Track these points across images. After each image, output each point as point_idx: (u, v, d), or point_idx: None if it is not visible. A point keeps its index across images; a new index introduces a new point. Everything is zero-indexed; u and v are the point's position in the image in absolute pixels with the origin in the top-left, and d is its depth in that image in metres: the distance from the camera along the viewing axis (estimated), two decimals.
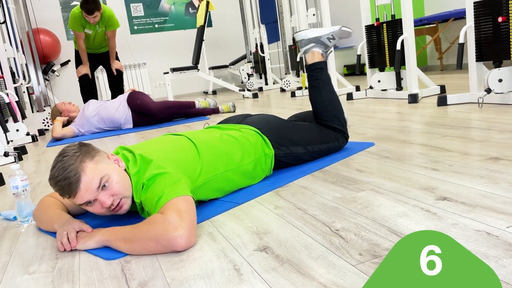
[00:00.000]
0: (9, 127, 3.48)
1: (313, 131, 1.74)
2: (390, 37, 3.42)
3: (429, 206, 1.13)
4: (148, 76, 7.69)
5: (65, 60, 7.23)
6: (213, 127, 1.67)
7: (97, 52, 4.69)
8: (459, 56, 2.60)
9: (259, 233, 1.11)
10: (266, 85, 6.74)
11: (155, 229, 1.05)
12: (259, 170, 1.54)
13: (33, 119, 4.97)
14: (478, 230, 0.95)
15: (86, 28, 4.40)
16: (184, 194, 1.14)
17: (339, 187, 1.39)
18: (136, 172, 1.24)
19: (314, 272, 0.86)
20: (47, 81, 7.00)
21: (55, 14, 7.20)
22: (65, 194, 1.14)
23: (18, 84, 4.59)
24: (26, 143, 3.86)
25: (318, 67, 1.80)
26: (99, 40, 4.57)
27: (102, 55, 4.73)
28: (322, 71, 1.80)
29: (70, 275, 1.01)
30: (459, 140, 1.79)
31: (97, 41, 4.57)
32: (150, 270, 0.98)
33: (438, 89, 3.39)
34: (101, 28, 4.47)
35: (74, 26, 4.39)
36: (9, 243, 1.28)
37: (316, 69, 1.80)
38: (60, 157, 1.16)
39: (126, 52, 7.58)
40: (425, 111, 2.67)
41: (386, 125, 2.38)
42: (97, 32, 4.47)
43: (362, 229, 1.04)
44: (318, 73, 1.80)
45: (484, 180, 1.26)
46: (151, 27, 7.78)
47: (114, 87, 4.82)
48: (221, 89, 7.83)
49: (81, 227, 1.19)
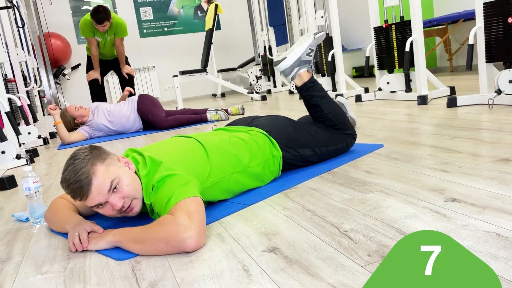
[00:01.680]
0: (21, 130, 3.52)
1: (321, 133, 1.74)
2: (399, 38, 3.41)
3: (439, 207, 1.13)
4: (157, 79, 7.75)
5: (75, 63, 7.31)
6: (221, 129, 1.68)
7: (108, 59, 4.74)
8: (469, 58, 2.59)
9: (268, 234, 1.11)
10: (275, 88, 6.74)
11: (165, 230, 1.06)
12: (267, 171, 1.55)
13: (45, 122, 5.03)
14: (488, 232, 0.95)
15: (96, 35, 4.46)
16: (194, 196, 1.15)
17: (347, 189, 1.39)
18: (146, 174, 1.25)
19: (323, 273, 0.87)
20: (58, 85, 7.08)
21: (66, 18, 7.28)
22: (77, 196, 1.16)
23: (29, 87, 4.65)
24: (37, 146, 3.91)
25: (309, 86, 1.77)
26: (109, 47, 4.63)
27: (112, 61, 4.78)
28: (314, 86, 1.77)
29: (81, 275, 1.02)
30: (469, 142, 1.78)
31: (107, 48, 4.62)
32: (160, 270, 0.99)
33: (448, 91, 3.37)
34: (110, 36, 4.52)
35: (85, 33, 4.44)
36: (22, 244, 1.30)
37: (308, 88, 1.76)
38: (71, 160, 1.18)
39: (135, 56, 7.64)
40: (435, 113, 2.66)
41: (395, 126, 2.38)
42: (106, 40, 4.53)
43: (370, 230, 1.04)
44: (312, 90, 1.76)
45: (494, 182, 1.26)
46: (160, 31, 7.84)
47: None
48: (229, 91, 7.85)
49: (92, 228, 1.21)
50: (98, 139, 3.76)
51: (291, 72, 1.77)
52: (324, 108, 1.76)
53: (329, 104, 1.78)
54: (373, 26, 3.68)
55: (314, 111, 1.79)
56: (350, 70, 7.25)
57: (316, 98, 1.77)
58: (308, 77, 1.78)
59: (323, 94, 1.78)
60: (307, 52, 1.78)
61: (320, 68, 4.74)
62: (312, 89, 1.77)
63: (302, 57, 1.77)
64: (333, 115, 1.76)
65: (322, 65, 4.67)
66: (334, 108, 1.78)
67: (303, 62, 1.77)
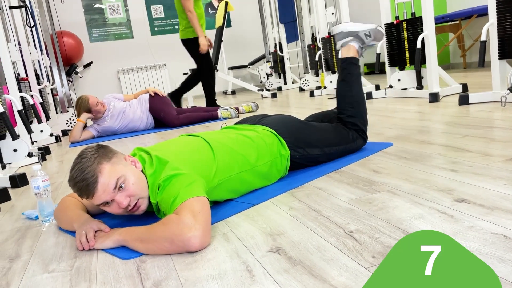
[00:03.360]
0: (34, 128, 3.57)
1: (330, 132, 1.73)
2: (410, 35, 3.37)
3: (446, 208, 1.11)
4: (168, 77, 7.78)
5: (87, 62, 7.38)
6: (229, 128, 1.68)
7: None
8: (481, 54, 2.54)
9: (273, 234, 1.11)
10: (285, 85, 6.72)
11: (170, 229, 1.06)
12: (274, 171, 1.54)
13: (57, 120, 5.09)
14: (495, 233, 0.93)
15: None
16: (199, 195, 1.15)
17: (354, 189, 1.38)
18: (152, 173, 1.26)
19: (326, 275, 0.86)
20: (70, 83, 7.15)
21: (78, 16, 7.35)
22: (83, 195, 1.17)
23: (42, 86, 4.71)
24: (49, 144, 3.96)
25: (352, 62, 1.80)
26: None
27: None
28: (355, 66, 1.80)
29: (87, 274, 1.03)
30: (480, 140, 1.75)
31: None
32: (165, 270, 0.99)
33: (460, 88, 3.32)
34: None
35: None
36: (31, 242, 1.32)
37: (350, 63, 1.80)
38: (78, 159, 1.19)
39: (146, 53, 7.69)
40: (446, 111, 2.62)
41: (406, 125, 2.35)
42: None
43: (376, 231, 1.03)
44: (352, 67, 1.80)
45: (504, 182, 1.24)
46: (171, 28, 7.86)
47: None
48: (240, 89, 7.85)
49: (99, 226, 1.22)
50: (108, 137, 3.79)
51: (343, 38, 1.83)
52: (353, 89, 1.78)
53: (359, 90, 1.81)
54: (384, 23, 3.64)
55: (343, 88, 1.81)
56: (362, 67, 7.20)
57: (352, 76, 1.79)
58: (355, 54, 1.82)
59: (358, 78, 1.82)
60: (365, 32, 1.82)
61: (331, 66, 4.71)
62: (353, 67, 1.81)
63: (360, 33, 1.82)
64: (356, 100, 1.78)
65: (332, 62, 4.64)
66: (361, 96, 1.80)
67: (358, 38, 1.82)
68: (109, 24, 7.54)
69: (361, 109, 1.80)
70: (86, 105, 3.72)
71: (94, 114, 3.78)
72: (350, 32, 1.82)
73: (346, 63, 1.82)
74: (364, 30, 1.83)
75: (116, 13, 7.55)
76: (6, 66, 3.26)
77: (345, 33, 1.83)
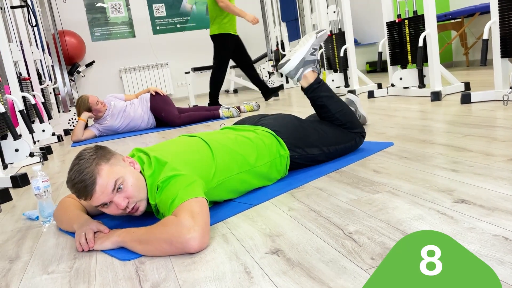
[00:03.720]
0: (36, 127, 3.58)
1: (330, 132, 1.72)
2: (412, 33, 3.35)
3: (446, 209, 1.10)
4: (170, 76, 7.78)
5: (90, 61, 7.39)
6: (228, 128, 1.67)
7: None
8: (483, 53, 2.53)
9: (272, 235, 1.11)
10: (287, 83, 6.71)
11: (168, 231, 1.06)
12: (274, 171, 1.54)
13: (59, 120, 5.10)
14: (495, 235, 0.92)
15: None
16: (198, 196, 1.15)
17: (355, 189, 1.37)
18: (151, 174, 1.26)
19: (325, 277, 0.86)
20: (72, 82, 7.17)
21: (80, 15, 7.35)
22: (81, 196, 1.17)
23: (44, 85, 4.71)
24: (51, 143, 3.96)
25: (315, 87, 1.75)
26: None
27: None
28: (320, 88, 1.74)
29: (86, 276, 1.03)
30: (481, 140, 1.74)
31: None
32: (163, 271, 0.99)
33: (463, 86, 3.30)
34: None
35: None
36: (31, 243, 1.32)
37: (314, 89, 1.74)
38: (76, 160, 1.19)
39: (148, 52, 7.69)
40: (448, 109, 2.61)
41: (407, 124, 2.34)
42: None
43: (375, 232, 1.03)
44: (318, 91, 1.74)
45: (505, 182, 1.23)
46: (173, 27, 7.86)
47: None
48: (242, 87, 7.84)
49: (98, 227, 1.22)
50: (110, 136, 3.80)
51: (296, 74, 1.75)
52: (331, 108, 1.74)
53: (336, 103, 1.76)
54: (386, 21, 3.63)
55: (321, 111, 1.78)
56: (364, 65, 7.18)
57: (323, 98, 1.75)
58: (314, 77, 1.76)
59: (329, 94, 1.76)
60: (310, 52, 1.76)
61: (332, 64, 4.70)
62: (318, 89, 1.75)
63: (306, 57, 1.75)
64: (340, 115, 1.74)
65: (334, 61, 4.63)
66: (342, 107, 1.76)
67: (307, 62, 1.75)
68: (111, 23, 7.54)
69: (349, 117, 1.77)
70: (86, 104, 3.73)
71: (95, 113, 3.79)
72: (297, 66, 1.74)
73: (310, 92, 1.76)
74: (308, 50, 1.74)
75: (118, 12, 7.55)
76: (8, 66, 3.26)
77: (293, 70, 1.75)
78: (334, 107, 1.74)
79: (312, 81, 1.75)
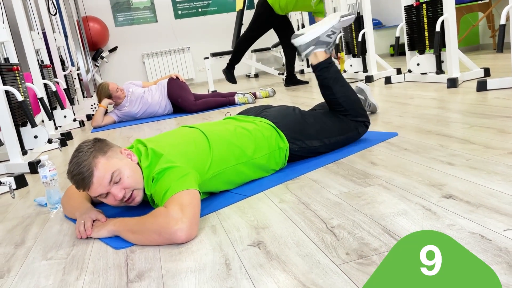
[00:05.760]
0: (57, 113, 3.70)
1: (331, 123, 1.72)
2: (430, 17, 3.27)
3: (432, 204, 1.11)
4: (192, 61, 7.83)
5: (113, 46, 7.51)
6: (230, 119, 1.70)
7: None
8: (500, 39, 2.45)
9: (258, 227, 1.14)
10: (308, 67, 6.65)
11: (157, 222, 1.11)
12: (272, 163, 1.56)
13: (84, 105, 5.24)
14: (472, 233, 0.93)
15: None
16: (190, 188, 1.19)
17: (348, 181, 1.39)
18: (147, 166, 1.30)
19: (298, 270, 0.89)
20: (96, 67, 7.32)
21: (103, 1, 7.45)
22: (80, 187, 1.23)
23: (67, 71, 4.85)
24: (73, 129, 4.10)
25: (323, 67, 1.74)
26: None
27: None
28: (328, 68, 1.74)
29: (80, 263, 1.09)
30: (488, 131, 1.71)
31: None
32: (150, 261, 1.04)
33: (482, 72, 3.21)
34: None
35: None
36: (37, 229, 1.40)
37: (322, 69, 1.74)
38: (75, 153, 1.24)
39: (170, 37, 7.75)
40: (462, 97, 2.55)
41: (417, 113, 2.31)
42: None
43: (357, 226, 1.05)
44: (325, 72, 1.74)
45: (498, 177, 1.21)
46: (195, 11, 7.87)
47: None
48: (263, 72, 7.81)
49: (97, 216, 1.28)
50: (127, 122, 3.89)
51: (306, 49, 1.76)
52: (335, 91, 1.74)
53: (342, 88, 1.75)
54: (403, 5, 3.54)
55: (325, 92, 1.78)
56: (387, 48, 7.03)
57: (329, 80, 1.75)
58: (324, 57, 1.75)
59: (337, 76, 1.76)
60: (327, 33, 1.74)
61: (351, 49, 4.63)
62: (326, 70, 1.75)
63: (321, 38, 1.74)
64: (343, 100, 1.74)
65: (353, 46, 4.56)
66: (347, 93, 1.76)
67: (321, 43, 1.74)
68: (133, 8, 7.62)
69: (352, 104, 1.76)
70: (107, 91, 3.82)
71: (114, 100, 3.89)
72: (309, 43, 1.73)
73: (317, 70, 1.76)
74: (325, 31, 1.73)
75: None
76: (29, 54, 3.37)
77: (304, 45, 1.74)
78: (338, 91, 1.74)
79: (321, 60, 1.75)
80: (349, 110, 1.75)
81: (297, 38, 1.76)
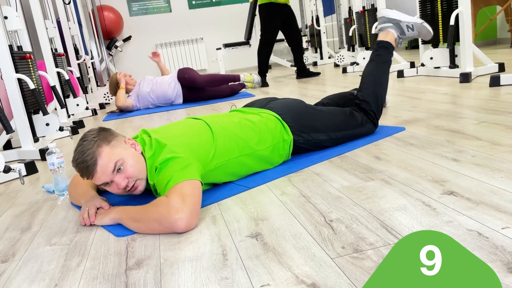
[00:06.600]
0: (70, 102, 3.75)
1: (338, 117, 1.72)
2: (445, 11, 3.21)
3: (432, 200, 1.10)
4: (205, 51, 7.84)
5: (127, 35, 7.55)
6: (236, 111, 1.71)
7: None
8: None
9: (257, 219, 1.15)
10: (321, 60, 6.61)
11: (158, 211, 1.12)
12: (276, 155, 1.56)
13: (97, 93, 5.30)
14: (470, 230, 0.92)
15: None
16: (192, 179, 1.20)
17: (351, 175, 1.38)
18: (151, 156, 1.32)
19: (293, 263, 0.89)
20: (110, 56, 7.38)
21: None
22: (84, 175, 1.25)
23: (81, 60, 4.90)
24: (86, 117, 4.15)
25: (385, 46, 1.83)
26: None
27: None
28: (387, 51, 1.83)
29: (82, 249, 1.12)
30: (495, 128, 1.69)
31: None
32: (150, 249, 1.06)
33: (496, 67, 3.15)
34: None
35: None
36: (43, 215, 1.43)
37: (383, 47, 1.83)
38: (80, 141, 1.26)
39: (184, 27, 7.76)
40: (475, 92, 2.51)
41: (427, 107, 2.28)
42: None
43: (355, 221, 1.05)
44: (383, 51, 1.83)
45: (502, 175, 1.20)
46: (209, 2, 7.86)
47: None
48: (275, 63, 7.78)
49: (101, 204, 1.30)
50: (140, 112, 3.93)
51: (383, 23, 1.88)
52: (376, 69, 1.82)
53: (382, 72, 1.83)
54: None
55: (367, 67, 1.86)
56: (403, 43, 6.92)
57: (380, 57, 1.84)
58: (392, 40, 1.85)
59: (387, 62, 1.84)
60: (408, 24, 1.85)
61: (364, 41, 4.58)
62: (385, 51, 1.84)
63: (402, 23, 1.84)
64: (375, 80, 1.80)
65: (366, 38, 4.51)
66: (382, 78, 1.82)
67: (399, 26, 1.84)
68: None
69: (379, 91, 1.79)
70: (114, 77, 3.97)
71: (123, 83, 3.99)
72: (391, 19, 1.84)
73: (379, 46, 1.85)
74: (407, 21, 1.84)
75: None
76: (43, 43, 3.42)
77: (386, 18, 1.86)
78: (378, 71, 1.82)
79: (387, 40, 1.84)
80: (371, 93, 1.77)
81: (384, 10, 1.86)
